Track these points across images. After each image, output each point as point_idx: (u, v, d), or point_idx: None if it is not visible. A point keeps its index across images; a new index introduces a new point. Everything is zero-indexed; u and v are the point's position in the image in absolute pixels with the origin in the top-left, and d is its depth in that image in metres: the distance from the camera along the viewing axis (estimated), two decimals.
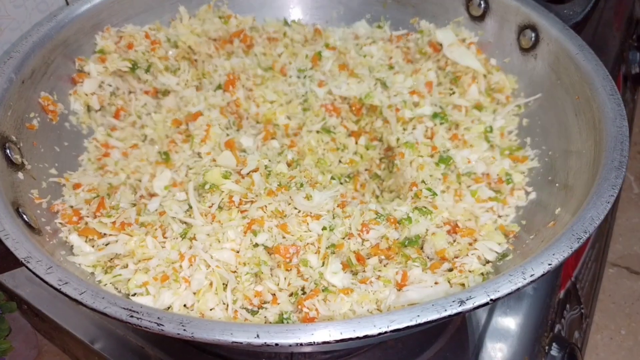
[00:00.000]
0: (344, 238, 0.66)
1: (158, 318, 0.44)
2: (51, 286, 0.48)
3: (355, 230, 0.66)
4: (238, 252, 0.62)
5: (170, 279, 0.58)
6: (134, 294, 0.58)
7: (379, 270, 0.62)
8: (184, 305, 0.58)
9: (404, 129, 0.76)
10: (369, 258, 0.65)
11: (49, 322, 0.77)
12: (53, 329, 0.79)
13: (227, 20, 0.89)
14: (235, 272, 0.61)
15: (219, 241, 0.62)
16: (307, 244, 0.63)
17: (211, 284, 0.59)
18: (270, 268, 0.62)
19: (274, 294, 0.60)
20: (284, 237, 0.64)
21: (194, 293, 0.58)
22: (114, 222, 0.63)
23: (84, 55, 0.78)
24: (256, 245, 0.63)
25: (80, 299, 0.46)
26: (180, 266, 0.59)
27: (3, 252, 0.50)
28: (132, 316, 0.44)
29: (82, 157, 0.74)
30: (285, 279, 0.61)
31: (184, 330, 0.43)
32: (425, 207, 0.68)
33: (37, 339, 1.12)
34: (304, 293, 0.60)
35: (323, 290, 0.58)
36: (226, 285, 0.60)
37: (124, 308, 0.45)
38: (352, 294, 0.57)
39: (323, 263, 0.62)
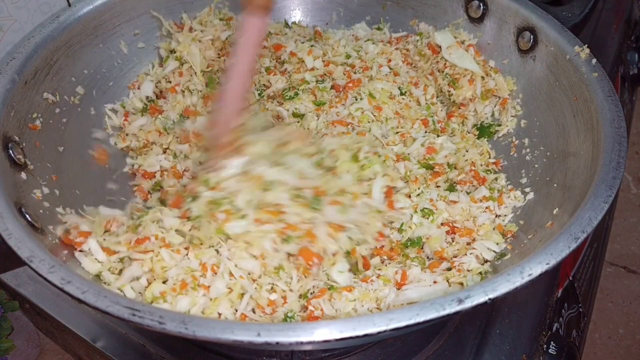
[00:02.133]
0: (357, 244, 0.66)
1: (160, 317, 0.44)
2: (54, 285, 0.48)
3: (371, 238, 0.66)
4: (264, 259, 0.62)
5: (188, 287, 0.57)
6: (151, 302, 0.57)
7: (379, 269, 0.63)
8: (202, 312, 0.57)
9: None
10: (371, 258, 0.66)
11: (51, 320, 0.77)
12: (55, 327, 0.79)
13: (228, 22, 0.89)
14: (256, 280, 0.61)
15: (249, 244, 0.62)
16: (332, 254, 0.64)
17: (230, 291, 0.58)
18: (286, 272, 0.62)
19: (284, 297, 0.60)
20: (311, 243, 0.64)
21: (211, 299, 0.58)
22: (129, 242, 0.62)
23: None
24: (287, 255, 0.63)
25: (83, 297, 0.47)
26: (203, 275, 0.59)
27: (6, 252, 0.51)
28: (134, 315, 0.45)
29: None
30: (298, 281, 0.61)
31: (186, 329, 0.44)
32: (426, 208, 0.69)
33: (39, 338, 1.12)
34: (312, 294, 0.60)
35: (329, 289, 0.59)
36: (243, 294, 0.59)
37: (126, 307, 0.45)
38: (353, 292, 0.58)
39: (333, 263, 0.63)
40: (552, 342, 0.72)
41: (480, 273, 0.62)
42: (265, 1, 0.65)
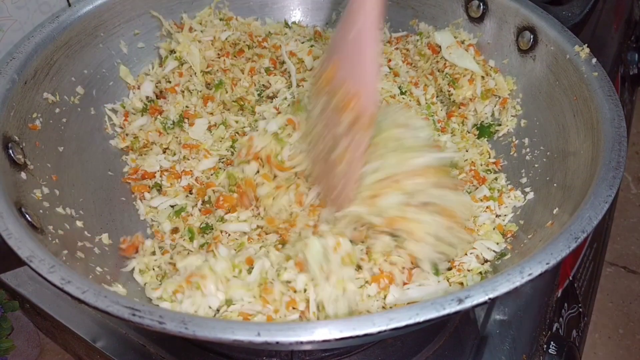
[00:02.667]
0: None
1: (160, 316, 0.44)
2: (54, 285, 0.48)
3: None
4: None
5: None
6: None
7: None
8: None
9: None
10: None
11: (51, 320, 0.77)
12: (55, 327, 0.79)
13: (228, 22, 0.89)
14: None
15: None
16: None
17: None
18: None
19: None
20: None
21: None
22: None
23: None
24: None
25: (83, 297, 0.47)
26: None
27: (5, 251, 0.51)
28: (134, 315, 0.45)
29: None
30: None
31: (186, 328, 0.44)
32: None
33: (39, 338, 1.12)
34: None
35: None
36: None
37: (126, 307, 0.45)
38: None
39: None
40: (552, 342, 0.72)
41: (480, 273, 0.62)
42: None
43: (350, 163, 0.61)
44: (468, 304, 0.45)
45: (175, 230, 0.71)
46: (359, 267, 0.63)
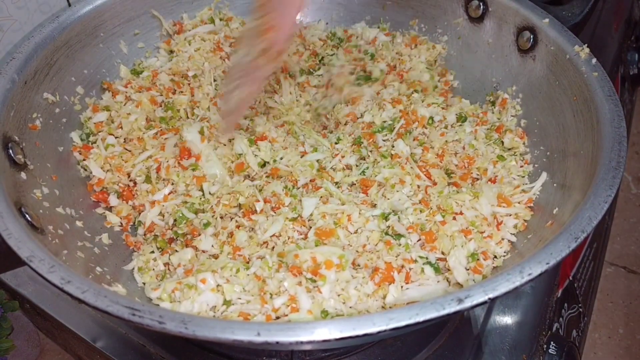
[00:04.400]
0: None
1: (160, 316, 0.44)
2: (54, 285, 0.48)
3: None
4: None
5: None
6: None
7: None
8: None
9: None
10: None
11: (51, 320, 0.77)
12: (55, 327, 0.79)
13: (228, 22, 0.89)
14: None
15: None
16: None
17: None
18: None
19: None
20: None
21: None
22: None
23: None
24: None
25: (83, 297, 0.47)
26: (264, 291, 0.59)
27: (5, 251, 0.51)
28: (134, 315, 0.45)
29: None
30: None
31: (186, 328, 0.44)
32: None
33: (39, 338, 1.12)
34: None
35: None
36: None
37: (126, 307, 0.45)
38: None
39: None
40: (552, 342, 0.72)
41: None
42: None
43: (247, 89, 0.67)
44: (468, 304, 0.45)
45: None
46: (356, 266, 0.64)
